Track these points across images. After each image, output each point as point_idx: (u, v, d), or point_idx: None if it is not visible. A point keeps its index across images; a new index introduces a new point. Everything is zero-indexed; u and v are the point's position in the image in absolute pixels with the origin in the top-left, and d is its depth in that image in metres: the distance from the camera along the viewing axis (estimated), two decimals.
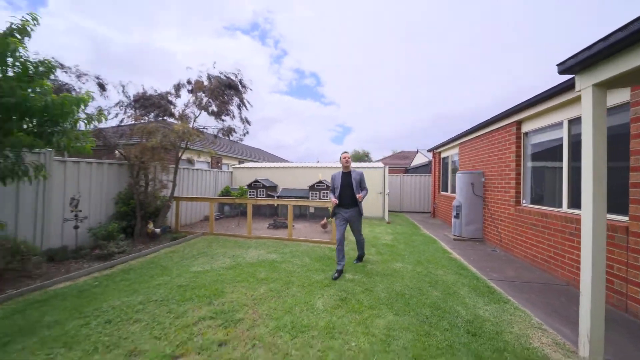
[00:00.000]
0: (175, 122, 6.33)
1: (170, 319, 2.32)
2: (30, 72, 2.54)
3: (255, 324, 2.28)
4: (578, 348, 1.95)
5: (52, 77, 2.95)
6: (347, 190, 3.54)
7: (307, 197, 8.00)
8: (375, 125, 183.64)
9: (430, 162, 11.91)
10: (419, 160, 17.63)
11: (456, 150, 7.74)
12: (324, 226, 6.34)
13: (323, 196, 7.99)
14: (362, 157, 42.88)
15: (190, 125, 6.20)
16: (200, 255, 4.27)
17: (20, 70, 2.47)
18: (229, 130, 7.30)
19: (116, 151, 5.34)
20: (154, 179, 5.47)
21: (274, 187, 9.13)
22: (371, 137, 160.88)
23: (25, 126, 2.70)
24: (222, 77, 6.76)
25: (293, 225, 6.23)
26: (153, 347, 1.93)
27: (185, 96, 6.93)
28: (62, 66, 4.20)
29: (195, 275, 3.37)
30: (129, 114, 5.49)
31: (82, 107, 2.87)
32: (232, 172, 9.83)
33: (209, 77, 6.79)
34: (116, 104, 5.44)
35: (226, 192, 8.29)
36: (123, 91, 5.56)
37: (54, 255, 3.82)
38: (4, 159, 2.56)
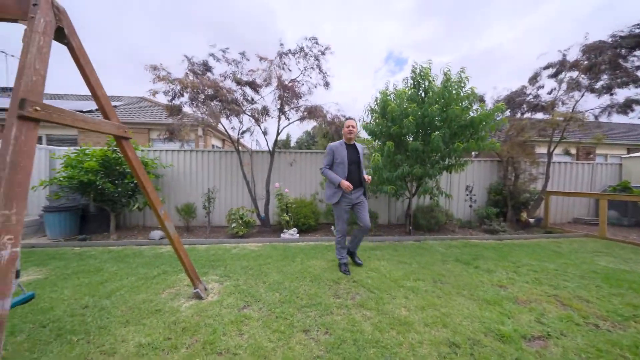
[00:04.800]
0: (543, 115, 6.20)
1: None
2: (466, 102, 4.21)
3: None
4: None
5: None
6: (355, 168, 2.86)
7: None
8: None
9: None
10: None
11: None
12: None
13: None
14: None
15: (562, 111, 5.67)
16: (598, 254, 3.80)
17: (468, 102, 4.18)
18: (627, 105, 5.46)
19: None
20: (523, 172, 5.89)
21: None
22: None
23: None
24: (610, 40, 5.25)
25: None
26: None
27: (547, 84, 6.45)
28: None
29: (610, 270, 3.13)
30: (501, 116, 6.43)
31: (490, 120, 4.10)
32: (620, 165, 7.10)
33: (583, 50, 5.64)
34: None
35: (623, 189, 6.21)
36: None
37: (457, 222, 5.80)
38: (455, 160, 4.52)
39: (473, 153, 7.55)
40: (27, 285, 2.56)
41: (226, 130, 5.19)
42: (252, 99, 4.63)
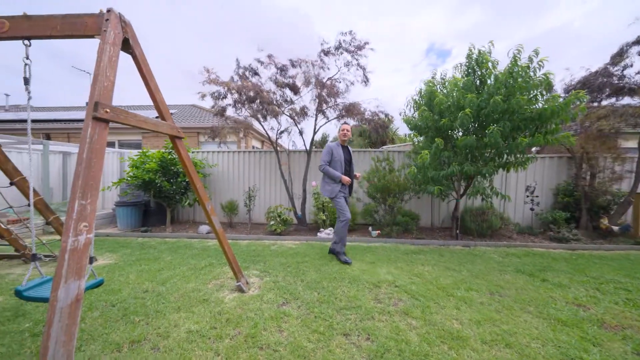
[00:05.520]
0: (631, 100, 5.11)
1: None
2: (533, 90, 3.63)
3: None
4: None
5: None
6: (348, 167, 3.36)
7: None
8: None
9: None
10: None
11: None
12: None
13: None
14: None
15: None
16: None
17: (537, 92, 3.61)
18: None
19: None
20: (602, 169, 4.93)
21: None
22: None
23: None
24: None
25: None
26: None
27: (637, 61, 5.27)
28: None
29: None
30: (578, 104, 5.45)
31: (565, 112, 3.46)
32: None
33: None
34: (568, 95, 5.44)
35: None
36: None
37: (514, 227, 5.09)
38: (515, 157, 3.96)
39: (534, 148, 6.59)
40: (103, 268, 2.96)
41: (266, 132, 5.39)
42: (291, 99, 4.72)
